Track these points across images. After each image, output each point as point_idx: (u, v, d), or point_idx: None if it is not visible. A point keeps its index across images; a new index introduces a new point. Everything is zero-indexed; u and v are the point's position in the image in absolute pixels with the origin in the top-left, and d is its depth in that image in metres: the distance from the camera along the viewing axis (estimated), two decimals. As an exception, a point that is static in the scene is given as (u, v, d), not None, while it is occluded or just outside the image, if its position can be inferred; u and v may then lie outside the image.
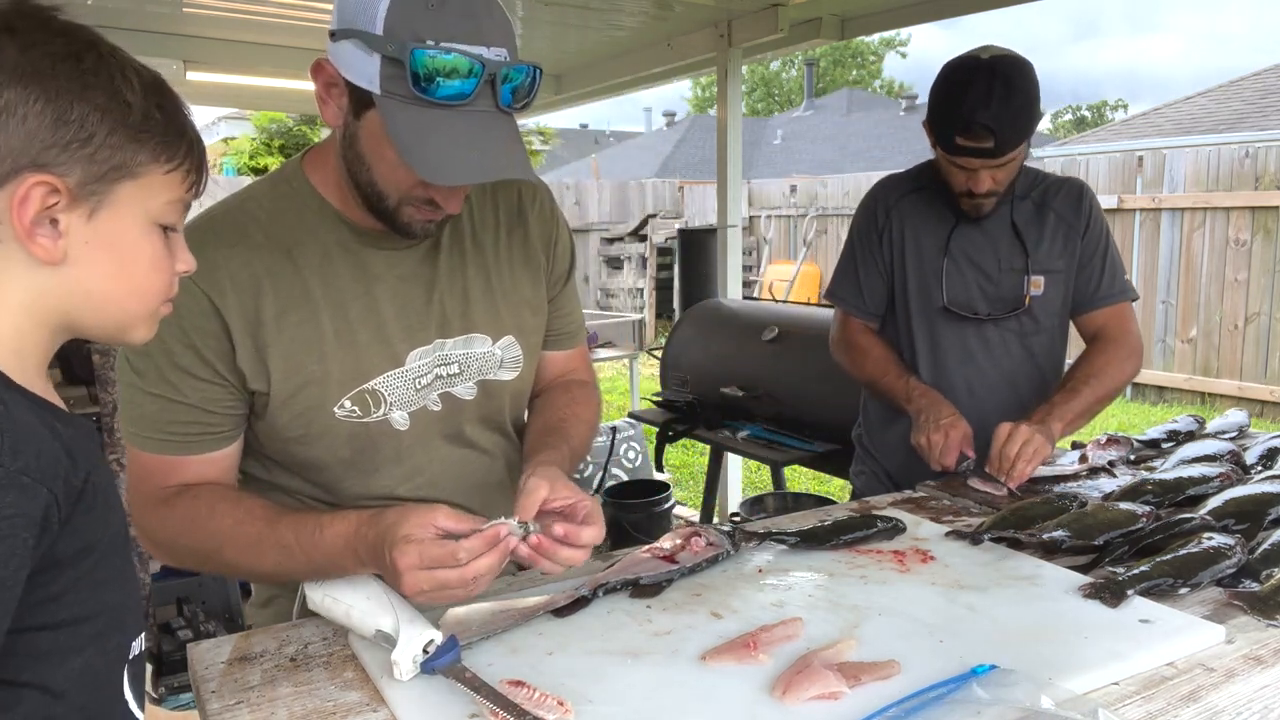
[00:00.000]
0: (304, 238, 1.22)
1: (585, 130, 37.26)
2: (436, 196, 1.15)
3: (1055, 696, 0.92)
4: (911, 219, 2.04)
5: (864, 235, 2.10)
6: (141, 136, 0.80)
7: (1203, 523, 1.40)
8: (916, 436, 1.85)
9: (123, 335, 0.86)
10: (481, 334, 1.31)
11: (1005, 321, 2.00)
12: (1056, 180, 2.04)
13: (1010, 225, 1.99)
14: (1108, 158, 9.08)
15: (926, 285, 2.02)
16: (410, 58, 1.03)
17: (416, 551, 1.01)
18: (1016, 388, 2.03)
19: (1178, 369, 8.21)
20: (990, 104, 1.76)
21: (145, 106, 0.80)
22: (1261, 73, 15.34)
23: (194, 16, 4.13)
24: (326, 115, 1.15)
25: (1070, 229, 2.00)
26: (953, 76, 1.85)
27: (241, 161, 13.51)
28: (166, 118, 0.83)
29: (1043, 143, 25.30)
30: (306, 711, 1.00)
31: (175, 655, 2.95)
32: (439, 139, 1.06)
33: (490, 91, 1.08)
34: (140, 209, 0.82)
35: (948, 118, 1.83)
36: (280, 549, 1.13)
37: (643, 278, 12.48)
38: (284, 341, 1.19)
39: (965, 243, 2.00)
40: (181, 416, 1.17)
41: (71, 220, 0.78)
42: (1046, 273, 1.99)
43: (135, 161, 0.80)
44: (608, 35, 4.56)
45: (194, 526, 1.16)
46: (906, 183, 2.09)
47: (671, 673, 1.04)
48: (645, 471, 5.04)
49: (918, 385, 1.96)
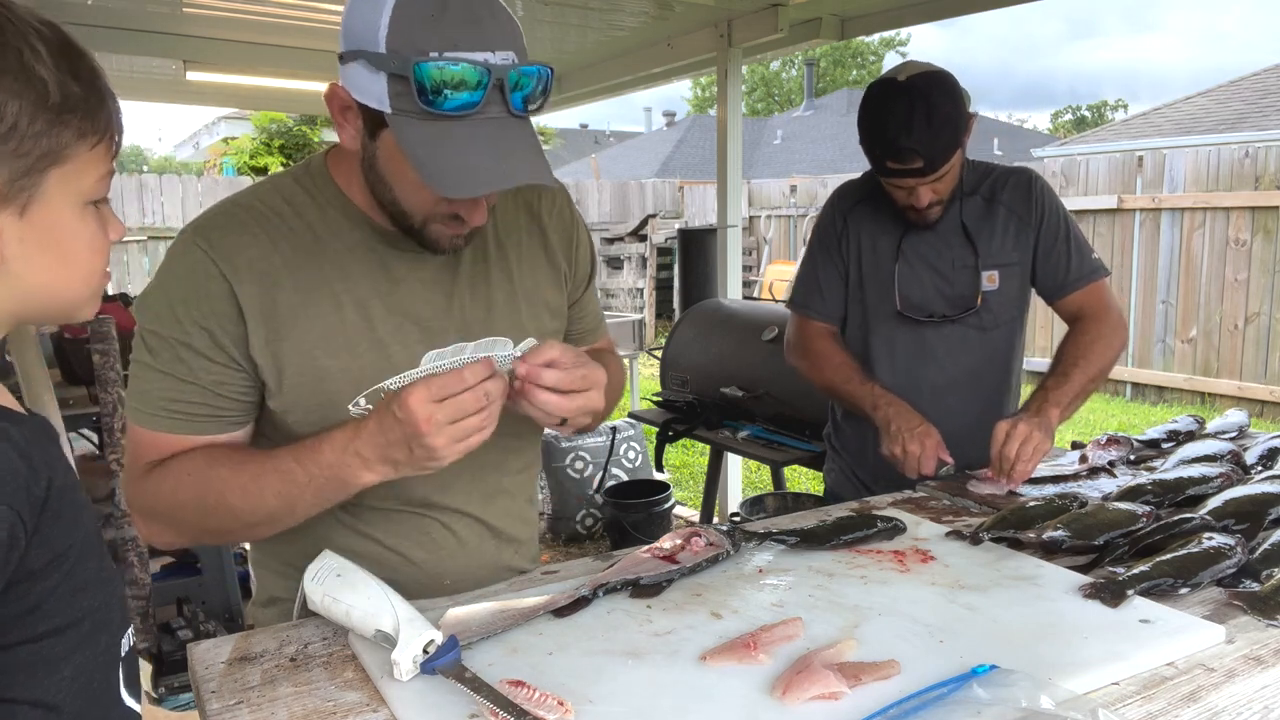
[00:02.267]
0: (327, 234, 1.21)
1: (585, 130, 37.27)
2: (460, 211, 1.15)
3: (1055, 696, 0.92)
4: (866, 225, 2.04)
5: (823, 240, 2.10)
6: (65, 117, 0.73)
7: (1203, 523, 1.40)
8: (890, 446, 1.83)
9: (69, 318, 0.83)
10: (503, 338, 1.31)
11: (963, 319, 2.00)
12: (1004, 171, 2.04)
13: (960, 224, 1.99)
14: (1108, 158, 9.08)
15: (882, 290, 2.02)
16: (414, 72, 1.01)
17: (424, 386, 1.02)
18: (978, 384, 2.04)
19: (1178, 369, 8.21)
20: (912, 128, 1.78)
21: (61, 79, 0.73)
22: (1261, 73, 15.35)
23: (194, 16, 4.13)
24: (344, 140, 1.14)
25: (1022, 221, 2.00)
26: (874, 103, 1.85)
27: (241, 161, 13.52)
28: (84, 87, 0.75)
29: (1043, 142, 25.30)
30: (306, 711, 1.00)
31: (175, 655, 2.95)
32: (452, 151, 1.04)
33: (500, 97, 1.06)
34: (72, 193, 0.77)
35: (875, 144, 1.85)
36: (281, 475, 1.12)
37: (643, 278, 12.48)
38: (299, 334, 1.19)
39: (918, 245, 2.00)
40: (191, 396, 1.17)
41: (2, 221, 0.73)
42: (1000, 267, 1.99)
43: (60, 145, 0.74)
44: (608, 35, 4.56)
45: (192, 479, 1.15)
46: (859, 189, 2.09)
47: (671, 673, 1.04)
48: (645, 471, 5.04)
49: (882, 393, 1.93)
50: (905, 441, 1.80)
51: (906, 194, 1.89)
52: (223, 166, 14.26)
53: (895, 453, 1.82)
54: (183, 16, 4.12)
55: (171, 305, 1.16)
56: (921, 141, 1.79)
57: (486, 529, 1.37)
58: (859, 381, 1.98)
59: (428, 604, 1.20)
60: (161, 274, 1.19)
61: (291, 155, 13.27)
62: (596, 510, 4.74)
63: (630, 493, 4.56)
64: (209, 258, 1.16)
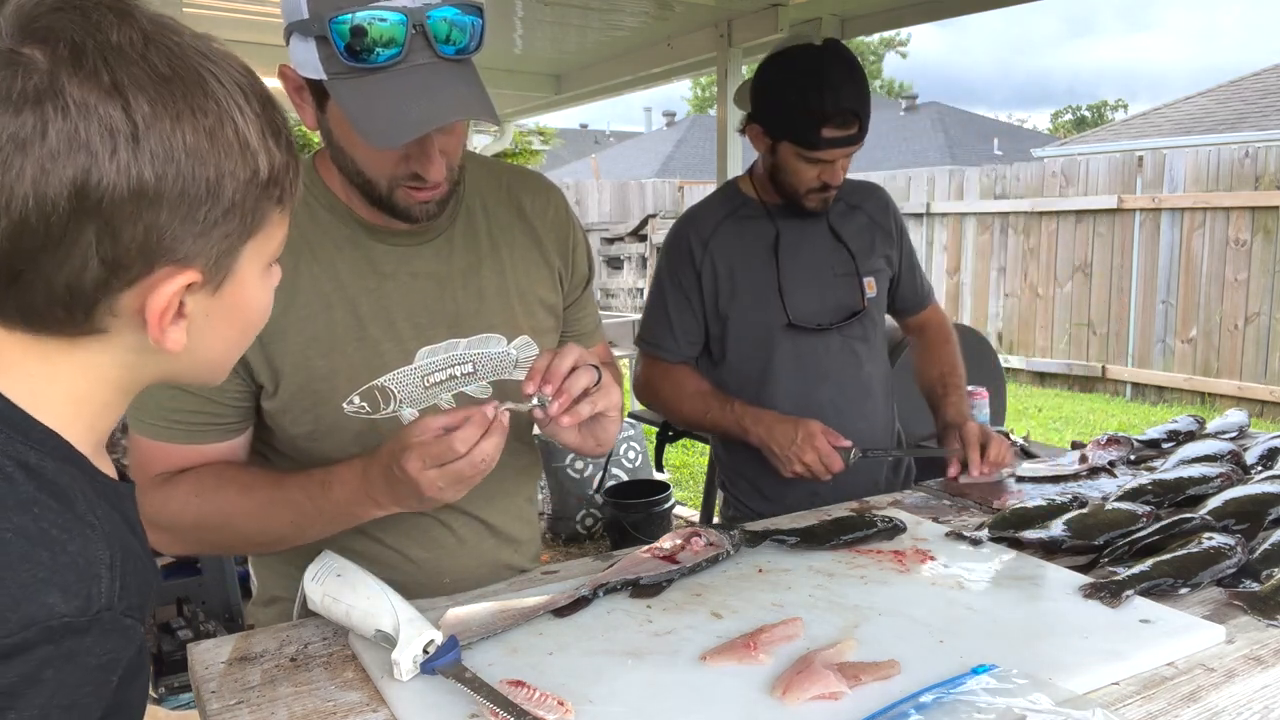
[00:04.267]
0: (315, 234, 1.22)
1: (585, 130, 37.28)
2: (416, 168, 1.13)
3: (1055, 696, 0.92)
4: (733, 246, 1.92)
5: (676, 274, 1.95)
6: (271, 190, 0.66)
7: (1203, 523, 1.40)
8: (789, 467, 1.75)
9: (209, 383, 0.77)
10: (496, 334, 1.31)
11: (848, 328, 1.95)
12: (857, 183, 2.03)
13: (829, 229, 1.95)
14: (1108, 158, 9.08)
15: (766, 307, 1.90)
16: (329, 30, 1.01)
17: (418, 455, 1.03)
18: (872, 393, 2.01)
19: (1178, 369, 8.21)
20: (848, 87, 1.74)
21: (269, 150, 0.65)
22: (1261, 73, 15.37)
23: (194, 16, 4.13)
24: (305, 122, 1.15)
25: (884, 232, 2.02)
26: (798, 69, 1.76)
27: (241, 161, 13.50)
28: (285, 152, 0.67)
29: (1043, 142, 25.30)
30: (306, 711, 1.00)
31: (175, 655, 2.95)
32: (384, 104, 1.03)
33: (425, 43, 1.03)
34: (261, 261, 0.70)
35: (810, 112, 1.73)
36: (293, 508, 1.13)
37: (643, 278, 12.48)
38: (292, 335, 1.19)
39: (792, 255, 1.92)
40: (189, 405, 1.17)
41: (197, 300, 0.66)
42: (874, 274, 1.99)
43: (263, 218, 0.67)
44: (608, 35, 4.56)
45: (199, 500, 1.16)
46: (716, 211, 1.97)
47: (672, 673, 1.04)
48: (645, 471, 5.04)
49: (744, 411, 1.84)
50: (798, 455, 1.74)
51: (820, 171, 1.81)
52: (223, 166, 14.25)
53: (798, 470, 1.75)
54: (182, 17, 4.10)
55: None
56: (857, 101, 1.74)
57: (486, 528, 1.37)
58: (719, 408, 1.88)
59: (428, 604, 1.20)
60: None
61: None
62: (596, 510, 4.74)
63: (630, 493, 4.56)
64: None
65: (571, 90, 5.53)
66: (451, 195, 1.20)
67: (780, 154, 1.84)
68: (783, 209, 1.93)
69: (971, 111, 30.35)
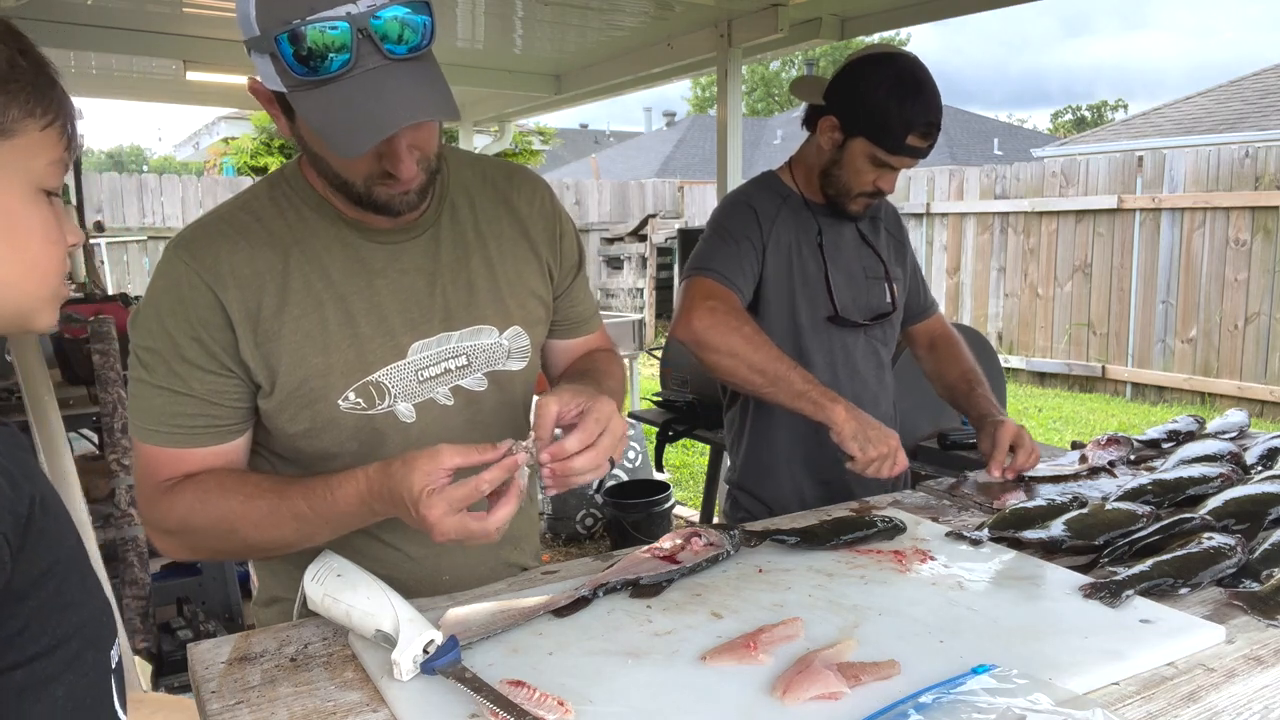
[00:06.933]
0: (304, 235, 1.22)
1: (585, 130, 37.28)
2: (388, 167, 1.13)
3: (1055, 696, 0.92)
4: (792, 231, 1.93)
5: (743, 229, 1.88)
6: (11, 88, 0.71)
7: (1203, 523, 1.40)
8: (865, 449, 1.67)
9: (25, 324, 0.78)
10: (488, 325, 1.31)
11: (875, 329, 2.00)
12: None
13: (858, 234, 2.01)
14: (1108, 158, 9.08)
15: (813, 297, 1.93)
16: (276, 45, 1.01)
17: (443, 502, 1.03)
18: (887, 394, 2.05)
19: (1178, 369, 8.21)
20: (937, 101, 1.81)
21: (8, 53, 0.71)
22: (1261, 73, 15.36)
23: (194, 16, 4.13)
24: (281, 130, 1.15)
25: (898, 243, 2.09)
26: (896, 73, 1.80)
27: (242, 161, 13.50)
28: (33, 65, 0.73)
29: (1043, 142, 25.27)
30: (306, 711, 1.00)
31: (175, 655, 2.95)
32: (342, 112, 1.03)
33: (373, 46, 1.02)
34: (22, 173, 0.74)
35: (903, 120, 1.78)
36: (297, 518, 1.14)
37: (643, 278, 12.48)
38: (286, 335, 1.20)
39: (833, 252, 1.95)
40: (188, 409, 1.18)
41: None
42: (896, 281, 2.04)
43: (8, 119, 0.72)
44: (608, 35, 4.56)
45: (204, 507, 1.17)
46: (774, 195, 1.96)
47: (672, 673, 1.04)
48: (645, 471, 5.04)
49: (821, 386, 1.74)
50: (883, 438, 1.68)
51: (878, 176, 1.86)
52: (222, 166, 14.25)
53: (871, 455, 1.67)
54: (183, 16, 4.12)
55: (161, 320, 1.17)
56: (940, 118, 1.80)
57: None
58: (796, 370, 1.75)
59: (428, 604, 1.20)
60: (149, 291, 1.20)
61: (291, 155, 13.23)
62: (596, 510, 4.74)
63: (630, 493, 4.56)
64: (192, 269, 1.17)
65: (571, 90, 5.53)
66: (431, 184, 1.20)
67: (850, 150, 1.85)
68: (822, 208, 1.96)
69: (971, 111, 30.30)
